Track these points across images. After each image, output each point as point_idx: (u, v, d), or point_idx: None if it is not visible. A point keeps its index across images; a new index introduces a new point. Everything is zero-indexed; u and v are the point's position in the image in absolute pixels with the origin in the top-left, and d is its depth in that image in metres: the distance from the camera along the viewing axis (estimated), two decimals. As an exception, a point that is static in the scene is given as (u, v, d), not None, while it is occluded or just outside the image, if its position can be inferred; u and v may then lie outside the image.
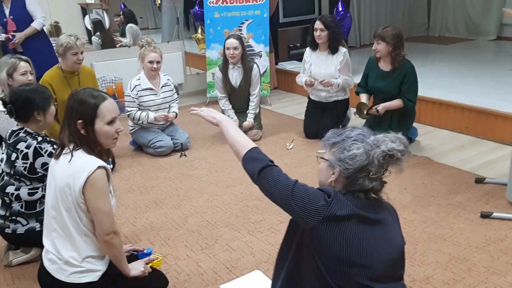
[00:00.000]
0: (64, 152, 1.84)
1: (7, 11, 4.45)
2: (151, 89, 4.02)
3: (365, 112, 3.77)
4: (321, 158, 1.56)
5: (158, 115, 4.01)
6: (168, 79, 4.16)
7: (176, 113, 4.21)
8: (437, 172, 3.48)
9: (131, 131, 4.17)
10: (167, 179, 3.59)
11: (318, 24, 4.03)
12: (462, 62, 6.16)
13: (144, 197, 3.30)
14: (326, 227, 1.42)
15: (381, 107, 3.69)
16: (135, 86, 3.99)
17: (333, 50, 4.08)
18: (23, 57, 3.08)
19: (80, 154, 1.82)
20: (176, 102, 4.29)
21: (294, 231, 1.57)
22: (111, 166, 3.71)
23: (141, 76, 4.03)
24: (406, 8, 8.53)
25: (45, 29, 5.85)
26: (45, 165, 2.29)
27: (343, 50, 4.11)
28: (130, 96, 4.00)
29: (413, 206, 3.00)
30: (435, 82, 5.10)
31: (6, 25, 4.43)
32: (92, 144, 1.85)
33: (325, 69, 4.13)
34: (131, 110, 4.02)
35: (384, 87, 3.72)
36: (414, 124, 4.04)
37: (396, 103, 3.68)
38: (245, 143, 1.65)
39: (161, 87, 4.08)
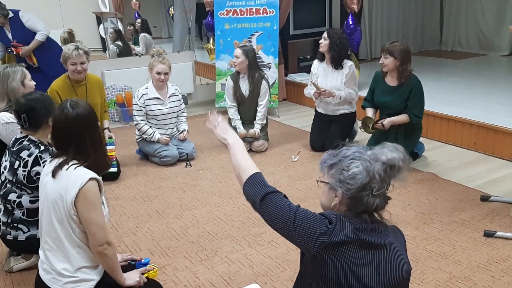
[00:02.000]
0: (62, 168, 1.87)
1: (10, 35, 4.55)
2: (158, 98, 4.07)
3: (371, 126, 3.76)
4: (321, 182, 1.52)
5: (162, 138, 4.06)
6: (176, 89, 4.20)
7: (187, 131, 4.27)
8: (442, 188, 3.45)
9: (138, 140, 4.21)
10: (171, 189, 3.60)
11: (324, 34, 4.13)
12: (474, 78, 6.11)
13: (147, 206, 3.32)
14: (328, 255, 1.37)
15: (387, 121, 3.67)
16: (142, 95, 4.04)
17: (336, 64, 4.09)
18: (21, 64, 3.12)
19: (72, 167, 1.84)
20: (184, 113, 4.33)
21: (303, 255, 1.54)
22: (115, 169, 3.74)
23: (149, 85, 4.07)
24: (418, 22, 8.51)
25: (59, 37, 5.98)
26: (38, 175, 2.32)
27: (348, 63, 4.12)
28: (137, 104, 4.05)
29: (416, 222, 2.97)
30: (445, 97, 5.07)
31: (12, 49, 4.56)
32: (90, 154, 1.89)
33: (331, 82, 4.14)
34: (139, 120, 4.06)
35: (390, 102, 3.71)
36: (421, 139, 4.01)
37: (402, 118, 3.67)
38: (248, 168, 1.60)
39: (168, 97, 4.12)
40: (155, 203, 3.37)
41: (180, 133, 4.25)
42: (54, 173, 1.85)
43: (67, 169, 1.84)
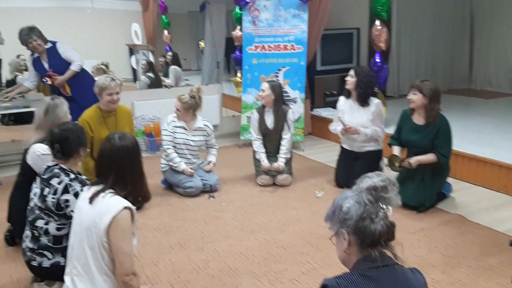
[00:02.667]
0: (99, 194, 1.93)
1: (46, 65, 4.72)
2: (183, 127, 4.16)
3: (398, 164, 3.72)
4: (331, 235, 1.60)
5: (187, 169, 4.11)
6: (205, 124, 4.26)
7: (214, 163, 4.31)
8: (470, 231, 3.35)
9: (163, 170, 4.26)
10: (193, 220, 3.61)
11: (350, 71, 4.15)
12: (504, 118, 6.01)
13: (169, 237, 3.33)
14: None
15: (414, 160, 3.63)
16: (171, 121, 4.18)
17: (363, 102, 4.09)
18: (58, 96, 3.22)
19: (109, 195, 1.90)
20: (216, 147, 4.39)
21: None
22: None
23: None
24: (447, 60, 8.49)
25: (93, 67, 6.18)
26: (67, 202, 2.38)
27: (375, 101, 4.12)
28: (166, 130, 4.15)
29: (442, 266, 2.88)
30: (474, 137, 4.99)
31: (47, 78, 4.71)
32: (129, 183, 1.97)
33: (357, 119, 4.13)
34: (168, 146, 4.14)
35: (417, 141, 3.67)
36: (449, 180, 3.94)
37: (429, 157, 3.62)
38: None
39: (194, 129, 4.19)
40: (177, 234, 3.38)
41: (206, 164, 4.30)
42: (91, 200, 1.92)
43: (103, 197, 1.89)
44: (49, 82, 4.74)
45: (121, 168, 2.00)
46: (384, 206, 1.51)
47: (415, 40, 8.03)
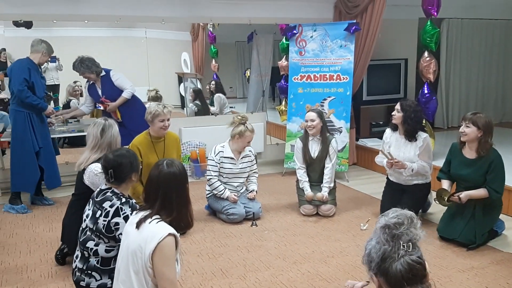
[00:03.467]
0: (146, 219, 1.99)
1: (100, 91, 5.00)
2: (232, 158, 4.21)
3: (446, 199, 3.61)
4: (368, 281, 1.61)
5: (231, 196, 4.17)
6: (250, 151, 4.33)
7: (256, 191, 4.35)
8: (525, 272, 3.18)
9: (207, 196, 4.32)
10: (235, 248, 3.62)
11: (397, 105, 4.06)
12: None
13: (211, 264, 3.35)
14: None
15: (464, 195, 3.51)
16: (218, 152, 4.22)
17: (410, 136, 4.00)
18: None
19: (155, 221, 1.95)
20: (256, 174, 4.43)
21: None
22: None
23: (225, 145, 4.25)
24: (499, 92, 8.24)
25: (146, 97, 6.43)
26: (117, 225, 2.45)
27: (423, 135, 4.01)
28: (213, 160, 4.20)
29: (495, 308, 2.74)
30: (527, 172, 4.76)
31: (100, 104, 5.01)
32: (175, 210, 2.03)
33: (403, 153, 4.04)
34: (213, 176, 4.20)
35: (468, 175, 3.56)
36: (502, 216, 3.77)
37: (480, 192, 3.49)
38: None
39: (241, 158, 4.25)
40: (220, 261, 3.39)
41: (249, 192, 4.33)
42: (138, 225, 1.97)
43: (149, 222, 1.95)
44: (102, 108, 4.97)
45: (168, 194, 2.05)
46: (405, 244, 1.46)
47: (464, 71, 7.85)
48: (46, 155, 4.57)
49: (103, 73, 4.96)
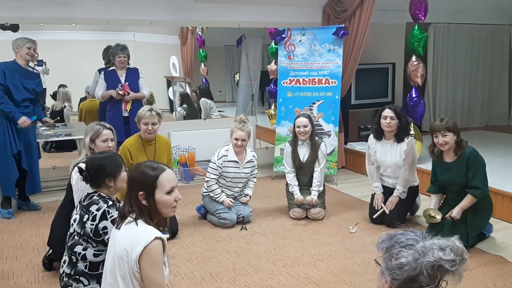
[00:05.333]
0: (126, 221, 1.95)
1: (122, 79, 5.12)
2: (236, 161, 4.19)
3: (439, 217, 3.60)
4: (376, 262, 1.49)
5: (226, 201, 4.15)
6: (253, 156, 4.32)
7: (250, 196, 4.33)
8: (511, 274, 3.21)
9: (204, 193, 4.30)
10: (225, 252, 3.61)
11: (388, 112, 4.00)
12: (546, 156, 5.80)
13: (201, 268, 3.33)
14: None
15: (456, 212, 3.53)
16: (222, 156, 4.18)
17: (399, 139, 4.04)
18: (107, 125, 3.32)
19: (140, 224, 1.92)
20: (255, 179, 4.42)
21: None
22: (167, 236, 3.81)
23: (229, 148, 4.21)
24: (485, 96, 8.35)
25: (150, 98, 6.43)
26: (105, 229, 2.43)
27: (408, 138, 4.04)
28: (215, 163, 4.17)
29: (483, 310, 2.76)
30: (514, 175, 4.83)
31: (122, 88, 5.08)
32: (152, 214, 1.95)
33: (390, 158, 4.07)
34: (212, 179, 4.18)
35: (452, 178, 3.59)
36: (490, 219, 3.80)
37: (467, 201, 3.52)
38: None
39: (245, 162, 4.24)
40: (209, 265, 3.37)
41: (243, 196, 4.31)
42: (117, 225, 1.96)
43: (137, 225, 1.92)
44: (121, 92, 5.02)
45: (131, 195, 1.99)
46: (444, 281, 1.36)
47: (451, 75, 7.96)
48: (28, 159, 4.46)
49: (132, 66, 5.24)
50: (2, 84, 4.22)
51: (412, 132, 5.28)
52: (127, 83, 5.05)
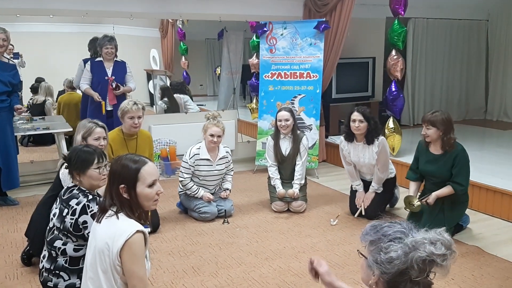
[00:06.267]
0: (107, 215, 1.93)
1: (109, 71, 5.07)
2: (208, 159, 4.15)
3: (416, 204, 3.65)
4: (361, 254, 1.49)
5: (205, 195, 4.13)
6: (227, 151, 4.27)
7: (230, 190, 4.31)
8: (488, 264, 3.29)
9: (180, 192, 4.28)
10: (207, 245, 3.61)
11: (357, 116, 3.96)
12: (521, 149, 5.95)
13: (183, 262, 3.32)
14: None
15: (432, 199, 3.58)
16: (194, 155, 4.12)
17: (369, 141, 4.03)
18: (100, 123, 3.26)
19: (121, 217, 1.91)
20: (232, 172, 4.39)
21: None
22: (149, 229, 3.79)
23: (201, 146, 4.15)
24: (462, 90, 8.49)
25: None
26: (85, 223, 2.40)
27: (379, 138, 4.03)
28: (187, 163, 4.11)
29: (460, 299, 2.83)
30: (491, 168, 4.94)
31: (107, 82, 5.03)
32: (133, 207, 1.94)
33: (363, 158, 4.10)
34: (186, 178, 4.13)
35: (435, 171, 3.65)
36: (466, 211, 3.88)
37: (446, 190, 3.58)
38: None
39: (218, 159, 4.20)
40: (191, 259, 3.37)
41: (222, 191, 4.30)
42: (98, 219, 1.94)
43: (118, 218, 1.90)
44: (112, 85, 5.00)
45: (113, 189, 1.96)
46: (430, 274, 1.39)
47: (430, 69, 8.07)
48: (4, 154, 4.36)
49: (119, 59, 5.17)
50: None
51: (392, 126, 5.36)
52: (113, 77, 5.02)
